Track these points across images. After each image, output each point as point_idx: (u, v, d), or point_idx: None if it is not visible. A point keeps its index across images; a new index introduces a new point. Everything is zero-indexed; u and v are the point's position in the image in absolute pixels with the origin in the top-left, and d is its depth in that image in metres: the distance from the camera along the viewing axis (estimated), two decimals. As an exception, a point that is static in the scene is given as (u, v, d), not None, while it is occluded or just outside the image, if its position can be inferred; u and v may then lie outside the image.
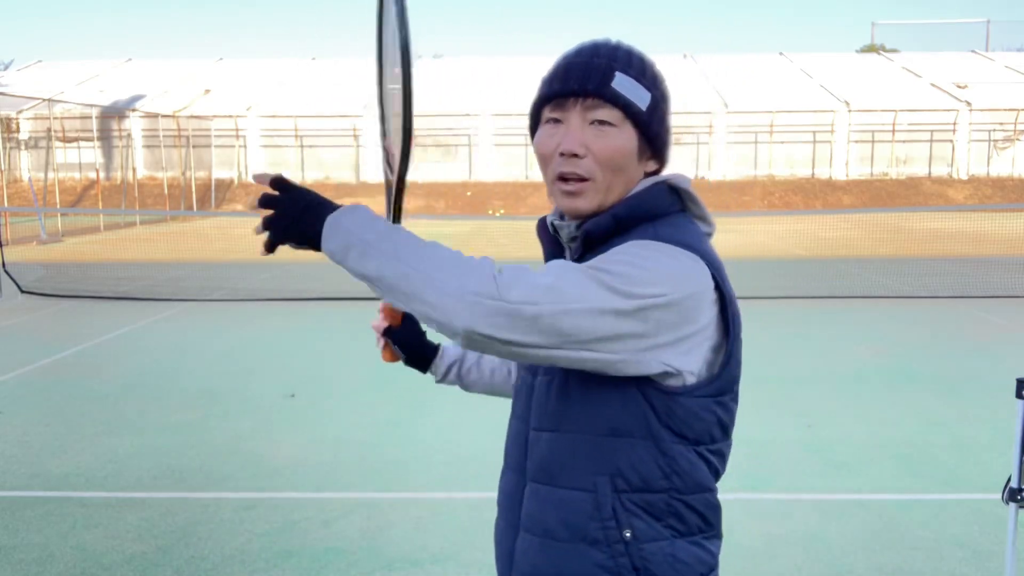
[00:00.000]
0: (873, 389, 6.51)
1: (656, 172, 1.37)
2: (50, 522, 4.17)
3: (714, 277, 1.25)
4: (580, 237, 1.33)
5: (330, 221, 1.18)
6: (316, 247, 1.21)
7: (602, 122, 1.28)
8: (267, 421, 5.83)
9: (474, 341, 1.13)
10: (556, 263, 1.22)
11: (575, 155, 1.28)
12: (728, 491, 1.24)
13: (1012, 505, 2.93)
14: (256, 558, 3.76)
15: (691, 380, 1.25)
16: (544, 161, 1.33)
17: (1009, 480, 2.94)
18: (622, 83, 1.28)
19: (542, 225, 1.43)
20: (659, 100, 1.33)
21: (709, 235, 1.38)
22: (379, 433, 5.54)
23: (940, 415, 5.83)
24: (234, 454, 5.15)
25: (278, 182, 1.22)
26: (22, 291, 11.40)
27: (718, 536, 1.36)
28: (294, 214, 1.20)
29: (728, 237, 19.33)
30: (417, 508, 4.30)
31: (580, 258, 1.34)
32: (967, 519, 4.13)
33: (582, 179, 1.29)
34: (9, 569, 3.67)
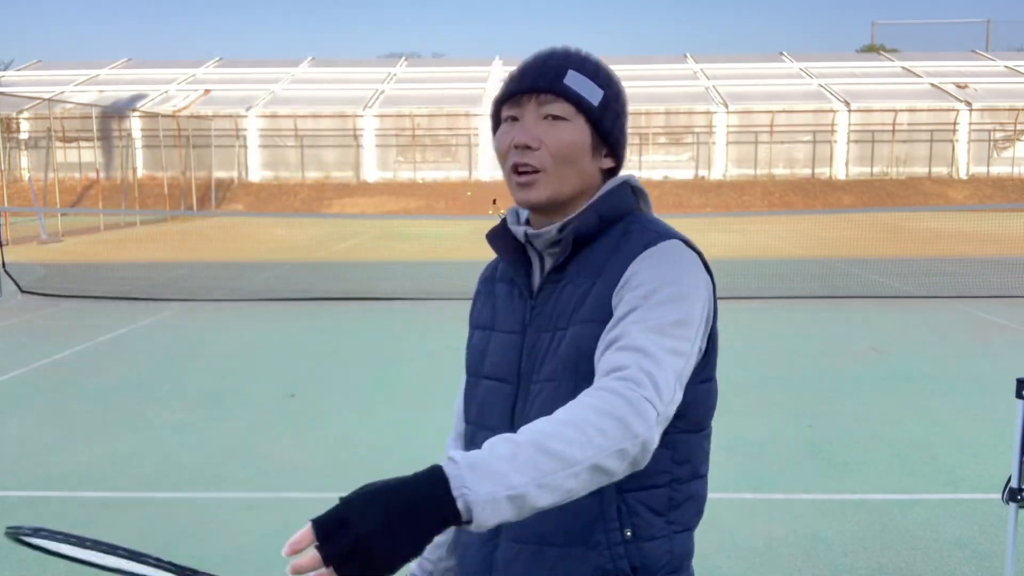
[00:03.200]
0: (873, 389, 6.51)
1: (613, 169, 1.41)
2: (50, 522, 4.16)
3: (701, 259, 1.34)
4: (567, 239, 1.34)
5: (474, 501, 0.95)
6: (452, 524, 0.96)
7: (555, 116, 1.33)
8: (267, 421, 5.83)
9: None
10: (635, 333, 1.16)
11: (528, 147, 1.32)
12: (728, 491, 1.24)
13: (1012, 505, 2.93)
14: (256, 558, 3.76)
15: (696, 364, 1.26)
16: (502, 157, 1.38)
17: (1009, 480, 2.94)
18: (574, 80, 1.34)
19: (500, 234, 1.44)
20: (611, 99, 1.37)
21: None
22: (379, 433, 5.54)
23: (940, 415, 5.83)
24: (234, 454, 5.15)
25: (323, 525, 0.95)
26: (22, 291, 11.40)
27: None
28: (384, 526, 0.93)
29: (728, 237, 19.30)
30: (417, 508, 4.29)
31: (567, 261, 1.35)
32: (967, 519, 4.13)
33: (535, 170, 1.33)
34: (9, 569, 3.67)
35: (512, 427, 1.28)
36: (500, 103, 1.40)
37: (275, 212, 27.73)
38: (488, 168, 31.07)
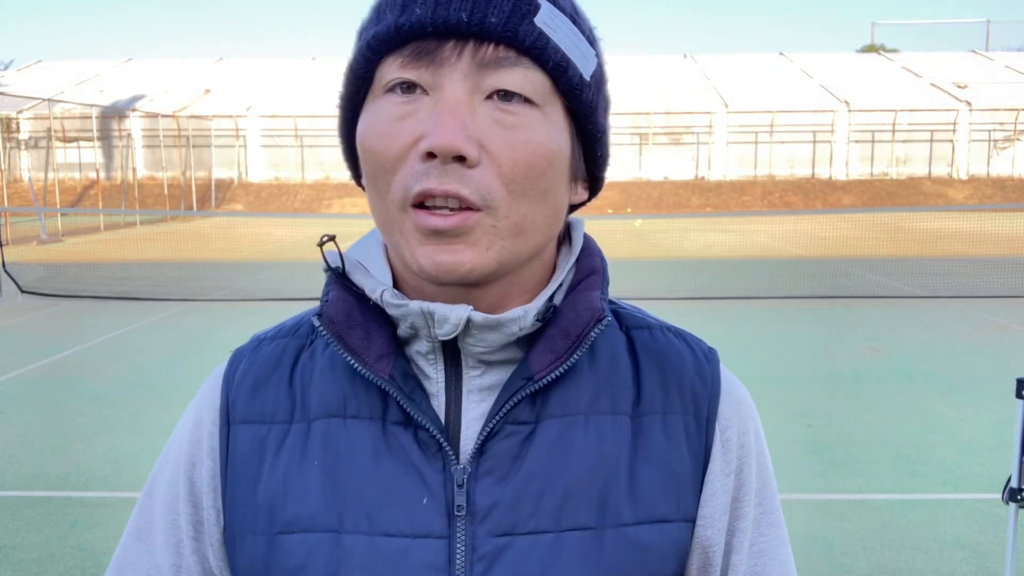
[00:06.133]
0: (873, 389, 6.51)
1: (580, 206, 0.76)
2: (50, 522, 4.17)
3: None
4: (565, 338, 0.71)
5: None
6: None
7: (510, 95, 0.65)
8: (267, 421, 5.82)
9: None
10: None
11: (460, 158, 0.64)
12: (728, 491, 1.22)
13: (1012, 505, 2.93)
14: (256, 558, 3.76)
15: None
16: (384, 168, 0.67)
17: (1009, 480, 2.94)
18: (553, 21, 0.66)
19: (356, 315, 0.72)
20: (604, 71, 0.73)
21: None
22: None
23: (940, 415, 5.83)
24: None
25: None
26: (22, 291, 11.40)
27: None
28: None
29: (728, 237, 19.33)
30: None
31: (540, 394, 0.71)
32: (967, 519, 4.13)
33: (468, 208, 0.65)
34: (9, 569, 3.67)
35: None
36: (381, 49, 0.66)
37: (275, 212, 27.74)
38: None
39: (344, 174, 0.74)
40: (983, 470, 4.77)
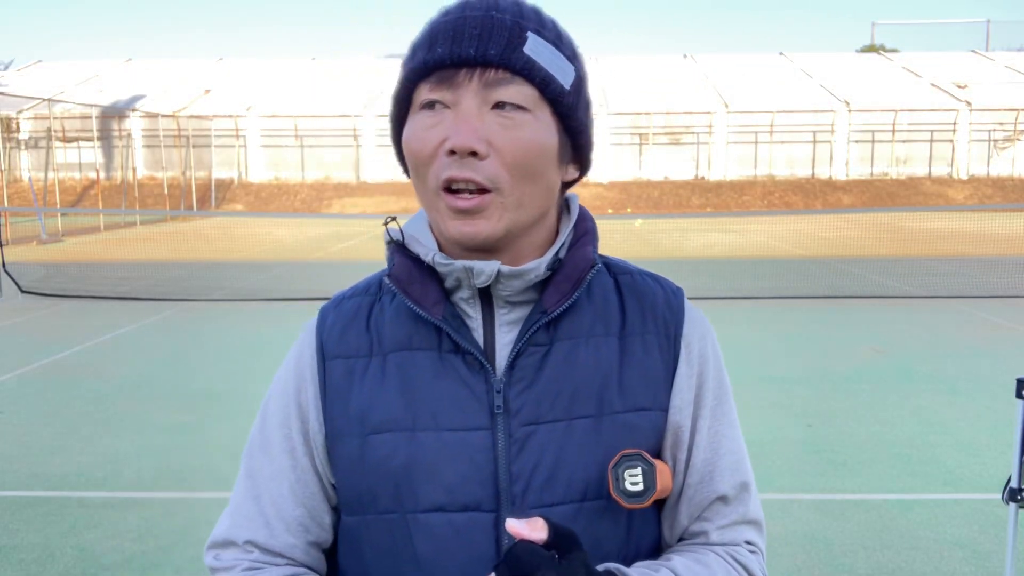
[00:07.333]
0: (873, 389, 6.51)
1: (574, 182, 1.03)
2: (50, 522, 4.17)
3: None
4: (567, 284, 0.98)
5: None
6: None
7: (507, 105, 0.90)
8: (267, 421, 5.82)
9: None
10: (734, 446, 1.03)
11: (473, 153, 0.89)
12: (728, 491, 1.22)
13: (1012, 505, 2.93)
14: (256, 558, 3.76)
15: None
16: (422, 164, 0.93)
17: (1009, 480, 2.94)
18: (537, 48, 0.91)
19: (415, 273, 0.98)
20: (583, 79, 0.97)
21: None
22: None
23: (940, 415, 5.83)
24: (234, 454, 5.14)
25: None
26: (22, 291, 11.40)
27: None
28: None
29: (728, 237, 19.31)
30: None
31: (552, 323, 0.98)
32: (967, 519, 4.13)
33: (482, 190, 0.91)
34: (9, 569, 3.67)
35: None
36: (415, 78, 0.93)
37: (275, 212, 27.74)
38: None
39: (343, 174, 0.86)
40: (983, 470, 4.77)
